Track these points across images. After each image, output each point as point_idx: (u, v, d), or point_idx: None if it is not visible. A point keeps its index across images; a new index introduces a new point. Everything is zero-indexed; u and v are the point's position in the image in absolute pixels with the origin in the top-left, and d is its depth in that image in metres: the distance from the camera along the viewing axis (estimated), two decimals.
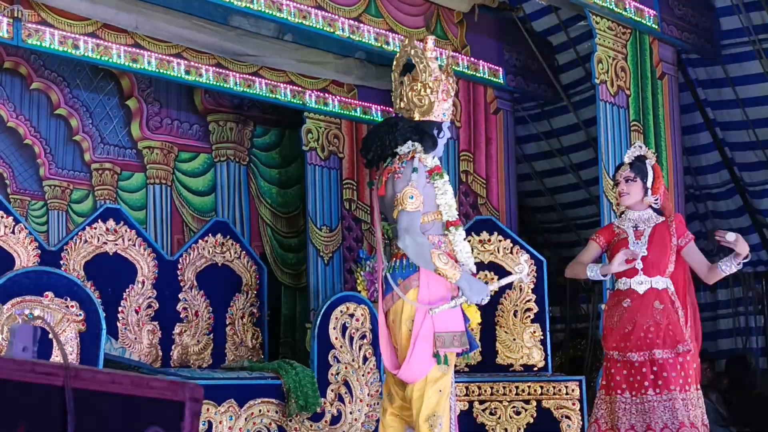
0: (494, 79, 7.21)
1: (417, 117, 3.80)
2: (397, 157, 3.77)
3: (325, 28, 5.95)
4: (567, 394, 5.63)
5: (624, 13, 6.09)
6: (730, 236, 4.12)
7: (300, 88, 7.20)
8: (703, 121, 7.20)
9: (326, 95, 7.37)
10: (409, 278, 3.68)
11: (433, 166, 3.74)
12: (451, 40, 6.87)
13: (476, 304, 3.77)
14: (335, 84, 7.39)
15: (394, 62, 3.93)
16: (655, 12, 6.35)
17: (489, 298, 3.74)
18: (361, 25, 6.18)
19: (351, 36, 6.11)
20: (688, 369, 4.21)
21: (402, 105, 3.85)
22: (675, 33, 6.53)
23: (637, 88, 6.25)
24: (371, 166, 3.90)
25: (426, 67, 3.77)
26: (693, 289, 4.46)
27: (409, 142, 3.75)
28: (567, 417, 5.62)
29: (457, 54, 6.85)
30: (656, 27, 6.37)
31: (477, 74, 7.06)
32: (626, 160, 4.43)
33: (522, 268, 3.82)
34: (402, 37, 6.16)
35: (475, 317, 3.81)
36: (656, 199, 4.35)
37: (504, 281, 3.97)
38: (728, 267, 4.22)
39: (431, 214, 3.72)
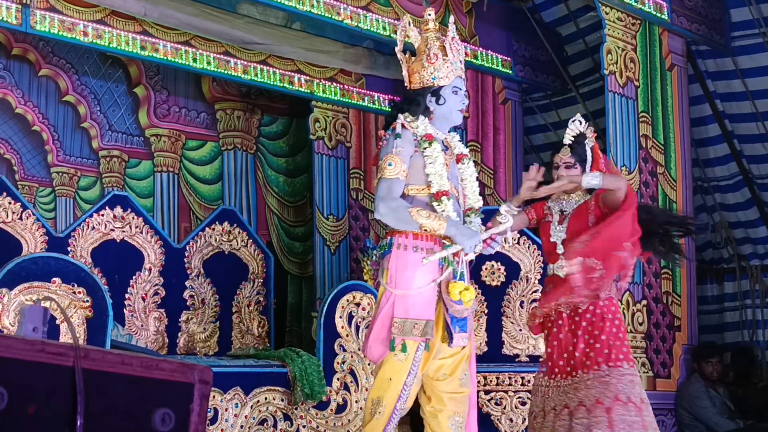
0: (503, 70, 7.19)
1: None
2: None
3: (333, 17, 5.95)
4: None
5: (634, 3, 6.07)
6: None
7: (308, 77, 7.19)
8: (712, 112, 7.18)
9: (334, 84, 7.36)
10: (384, 259, 3.60)
11: (424, 133, 3.61)
12: (459, 30, 6.85)
13: (465, 265, 3.60)
14: (343, 73, 7.38)
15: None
16: (665, 3, 6.32)
17: (481, 246, 3.58)
18: (369, 13, 6.17)
19: (359, 25, 6.10)
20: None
21: None
22: (685, 24, 6.51)
23: (646, 80, 6.23)
24: None
25: (399, 44, 3.77)
26: None
27: (401, 115, 3.65)
28: None
29: (465, 44, 6.83)
30: (666, 18, 6.34)
31: (485, 64, 7.04)
32: (566, 140, 4.15)
33: (507, 218, 3.71)
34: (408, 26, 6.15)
35: (464, 295, 3.54)
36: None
37: (495, 230, 3.71)
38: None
39: (416, 186, 3.58)
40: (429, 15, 3.82)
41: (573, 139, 4.16)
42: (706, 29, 6.65)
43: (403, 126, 3.59)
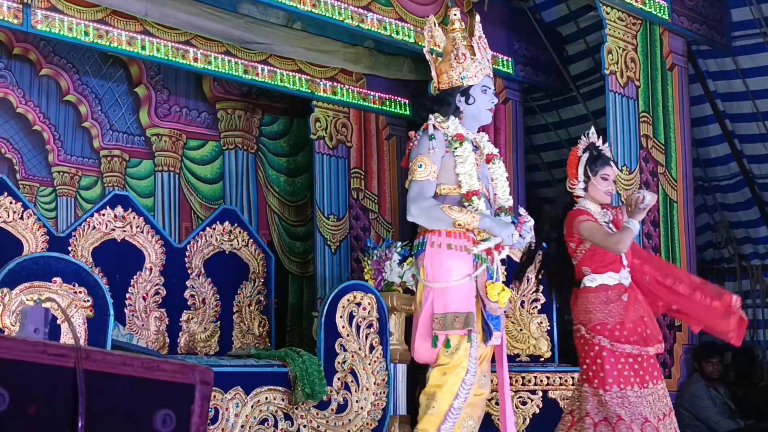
0: (503, 69, 7.19)
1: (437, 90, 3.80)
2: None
3: (334, 17, 5.94)
4: (573, 384, 5.62)
5: (634, 3, 6.07)
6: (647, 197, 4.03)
7: (308, 77, 7.19)
8: (712, 112, 7.18)
9: (335, 84, 7.36)
10: (418, 258, 3.60)
11: (455, 133, 3.61)
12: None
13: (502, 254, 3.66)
14: (344, 73, 7.38)
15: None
16: (665, 3, 6.32)
17: (517, 237, 3.58)
18: (370, 13, 6.17)
19: (360, 25, 6.10)
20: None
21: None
22: (685, 24, 6.50)
23: (646, 79, 6.23)
24: None
25: (426, 44, 3.82)
26: None
27: (431, 116, 3.67)
28: None
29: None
30: (667, 18, 6.34)
31: None
32: (609, 154, 4.29)
33: (527, 218, 3.71)
34: (410, 26, 6.17)
35: (501, 297, 3.56)
36: None
37: (526, 228, 3.70)
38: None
39: (447, 186, 3.57)
40: (455, 15, 3.83)
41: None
42: (707, 29, 6.65)
43: (434, 127, 3.58)
